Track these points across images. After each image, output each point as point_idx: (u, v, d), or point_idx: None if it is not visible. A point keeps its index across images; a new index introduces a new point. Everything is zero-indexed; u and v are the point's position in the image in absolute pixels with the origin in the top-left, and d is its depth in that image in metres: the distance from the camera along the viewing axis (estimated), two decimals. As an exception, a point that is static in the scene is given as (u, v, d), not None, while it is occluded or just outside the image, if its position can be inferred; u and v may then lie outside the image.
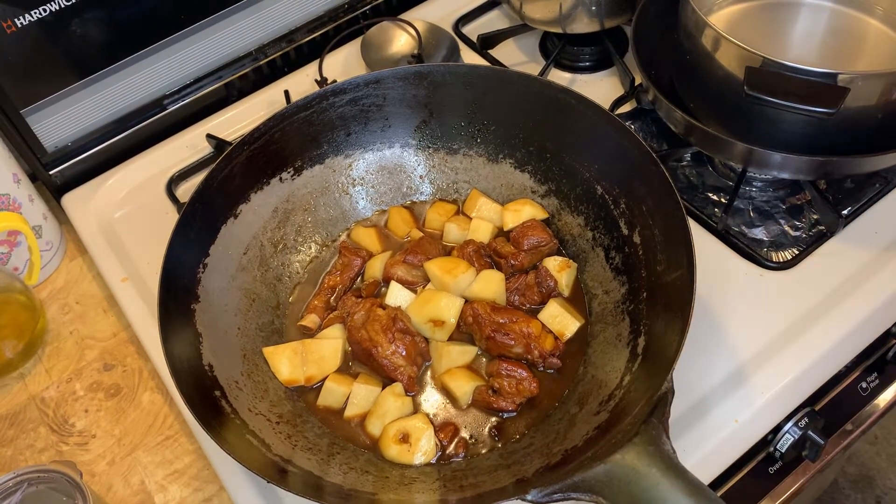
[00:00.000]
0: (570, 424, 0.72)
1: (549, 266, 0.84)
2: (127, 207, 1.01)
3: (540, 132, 0.87)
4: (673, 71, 0.96)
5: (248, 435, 0.70)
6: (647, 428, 0.60)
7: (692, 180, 0.95)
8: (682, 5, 0.90)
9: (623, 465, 0.59)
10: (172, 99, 1.07)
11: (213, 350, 0.75)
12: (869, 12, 0.94)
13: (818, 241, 0.88)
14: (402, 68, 0.87)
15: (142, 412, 0.86)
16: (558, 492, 0.60)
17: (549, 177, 0.89)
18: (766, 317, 0.82)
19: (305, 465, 0.70)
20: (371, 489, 0.69)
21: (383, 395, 0.77)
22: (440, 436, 0.75)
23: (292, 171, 0.88)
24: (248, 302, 0.83)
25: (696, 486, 0.57)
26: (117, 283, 0.92)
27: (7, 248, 0.93)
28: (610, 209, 0.83)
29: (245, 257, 0.84)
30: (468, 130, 0.91)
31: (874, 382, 0.98)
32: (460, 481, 0.71)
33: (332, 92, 0.86)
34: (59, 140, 1.01)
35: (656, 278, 0.76)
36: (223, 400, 0.72)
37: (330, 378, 0.79)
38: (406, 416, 0.76)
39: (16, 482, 0.69)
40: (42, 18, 0.90)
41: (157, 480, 0.81)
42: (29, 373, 0.90)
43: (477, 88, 0.87)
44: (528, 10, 1.07)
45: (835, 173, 0.87)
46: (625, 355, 0.74)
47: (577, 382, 0.78)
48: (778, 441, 0.88)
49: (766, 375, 0.79)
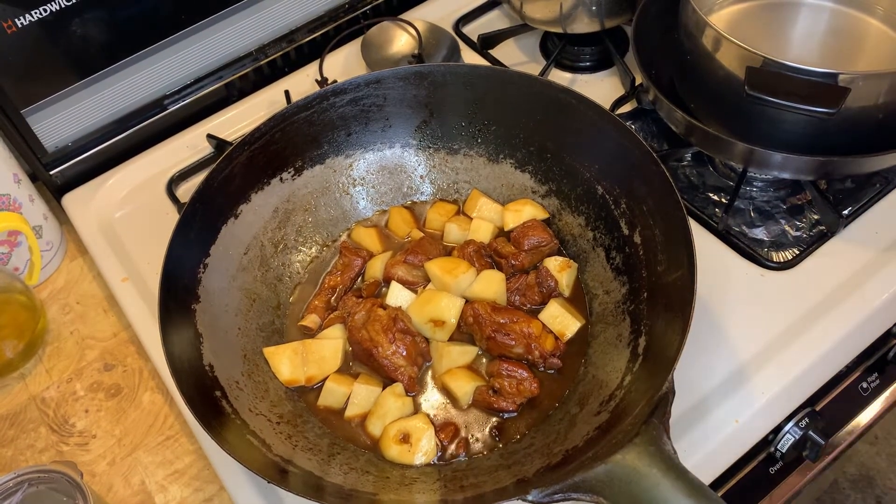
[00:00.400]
0: (570, 425, 0.72)
1: (550, 266, 0.84)
2: (127, 207, 1.01)
3: (540, 132, 0.87)
4: (673, 71, 0.96)
5: (248, 435, 0.70)
6: (648, 428, 0.60)
7: (693, 180, 0.95)
8: (683, 5, 0.90)
9: (624, 465, 0.59)
10: (173, 99, 1.07)
11: (214, 350, 0.75)
12: (869, 12, 0.94)
13: (819, 241, 0.88)
14: (402, 68, 0.87)
15: (142, 412, 0.86)
16: (559, 492, 0.59)
17: (549, 177, 0.89)
18: (767, 317, 0.82)
19: (306, 466, 0.70)
20: (371, 489, 0.69)
21: (384, 395, 0.77)
22: (441, 436, 0.75)
23: (293, 172, 0.88)
24: (249, 302, 0.83)
25: (696, 487, 0.57)
26: (118, 283, 0.92)
27: (7, 248, 0.93)
28: (611, 209, 0.83)
29: (246, 257, 0.84)
30: (469, 130, 0.91)
31: (875, 383, 0.98)
32: (461, 481, 0.71)
33: (332, 92, 0.86)
34: (59, 140, 1.01)
35: (657, 278, 0.76)
36: (224, 400, 0.72)
37: (330, 378, 0.79)
38: (406, 416, 0.76)
39: (16, 482, 0.69)
40: (42, 18, 0.90)
41: (158, 480, 0.81)
42: (29, 373, 0.90)
43: (477, 88, 0.87)
44: (529, 10, 1.07)
45: (835, 173, 0.87)
46: (625, 355, 0.74)
47: (577, 383, 0.78)
48: (778, 441, 0.88)
49: (766, 375, 0.79)
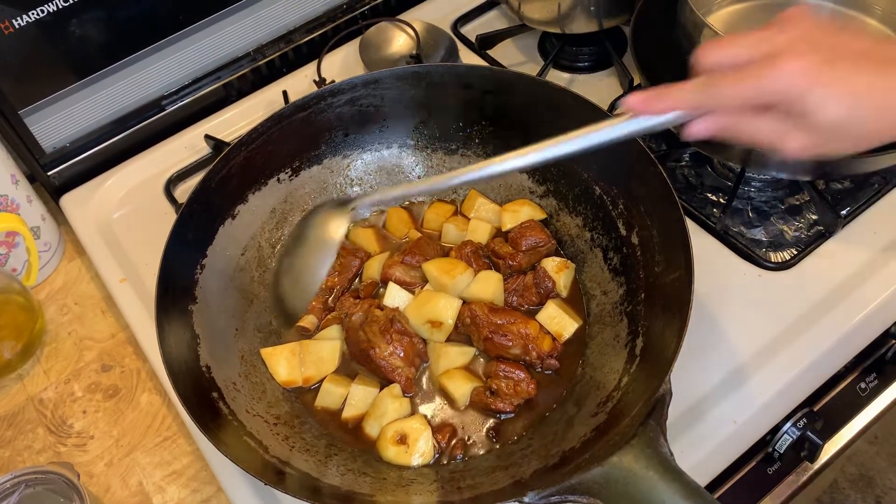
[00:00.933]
0: (567, 426, 0.72)
1: (548, 267, 0.84)
2: (125, 208, 1.01)
3: (538, 132, 0.85)
4: (672, 71, 0.96)
5: (245, 437, 0.70)
6: (645, 430, 0.60)
7: (691, 181, 0.95)
8: (681, 5, 0.90)
9: (620, 467, 0.59)
10: (171, 99, 1.07)
11: (211, 351, 0.75)
12: (868, 12, 0.94)
13: (817, 241, 0.88)
14: (400, 68, 0.87)
15: (140, 413, 0.86)
16: (556, 494, 0.60)
17: (547, 177, 0.89)
18: (765, 317, 0.82)
19: (303, 467, 0.70)
20: (368, 490, 0.69)
21: (381, 396, 0.77)
22: (438, 437, 0.75)
23: (290, 172, 0.88)
24: (246, 303, 0.83)
25: (693, 489, 0.57)
26: (116, 283, 0.92)
27: (5, 248, 0.93)
28: (608, 209, 0.83)
29: (243, 258, 0.84)
30: (466, 131, 0.91)
31: (873, 383, 0.97)
32: (458, 483, 0.71)
33: (329, 92, 0.86)
34: (57, 141, 1.01)
35: (654, 279, 0.76)
36: (221, 401, 0.72)
37: (328, 379, 0.79)
38: (404, 417, 0.76)
39: (13, 483, 0.69)
40: (40, 19, 0.89)
41: (156, 481, 0.81)
42: (27, 374, 0.90)
43: (475, 89, 0.87)
44: (527, 11, 1.07)
45: (833, 173, 0.87)
46: (623, 356, 0.74)
47: (574, 384, 0.78)
48: (777, 441, 0.88)
49: (764, 376, 0.79)
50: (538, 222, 0.87)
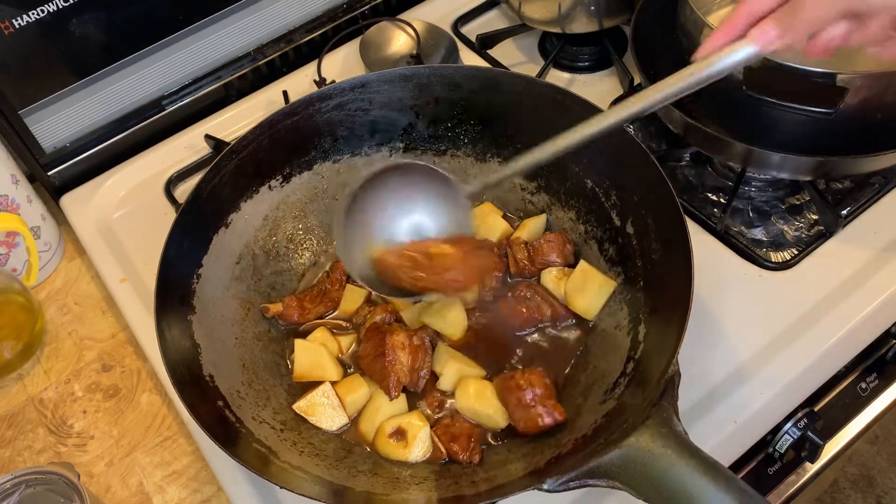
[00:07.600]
0: (576, 415, 0.73)
1: (549, 285, 0.84)
2: (125, 208, 1.01)
3: (527, 129, 0.87)
4: (672, 71, 0.96)
5: (255, 444, 0.70)
6: (659, 410, 0.62)
7: (691, 180, 0.95)
8: (681, 5, 0.90)
9: (638, 447, 0.60)
10: (171, 99, 1.07)
11: (213, 361, 0.75)
12: (868, 12, 0.94)
13: (817, 241, 0.88)
14: (387, 71, 0.86)
15: (140, 413, 0.86)
16: (574, 479, 0.60)
17: (538, 173, 0.89)
18: (765, 317, 0.82)
19: (314, 471, 0.70)
20: (382, 490, 0.69)
21: (376, 393, 0.77)
22: (442, 437, 0.75)
23: (281, 179, 0.88)
24: (244, 311, 0.82)
25: (711, 465, 0.58)
26: (116, 283, 0.92)
27: (5, 248, 0.93)
28: (601, 201, 0.83)
29: (238, 266, 0.84)
30: (455, 131, 0.91)
31: (874, 383, 0.97)
32: (471, 477, 0.71)
33: (317, 97, 0.85)
34: (57, 141, 1.01)
35: (653, 266, 0.76)
36: (227, 410, 0.72)
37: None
38: (400, 414, 0.76)
39: (13, 483, 0.69)
40: (40, 19, 0.89)
41: (156, 481, 0.81)
42: (27, 374, 0.90)
43: (462, 89, 0.87)
44: (527, 10, 1.07)
45: (834, 173, 0.87)
46: (626, 344, 0.75)
47: (579, 373, 0.78)
48: (777, 442, 0.88)
49: (765, 376, 0.79)
50: (564, 236, 0.85)
